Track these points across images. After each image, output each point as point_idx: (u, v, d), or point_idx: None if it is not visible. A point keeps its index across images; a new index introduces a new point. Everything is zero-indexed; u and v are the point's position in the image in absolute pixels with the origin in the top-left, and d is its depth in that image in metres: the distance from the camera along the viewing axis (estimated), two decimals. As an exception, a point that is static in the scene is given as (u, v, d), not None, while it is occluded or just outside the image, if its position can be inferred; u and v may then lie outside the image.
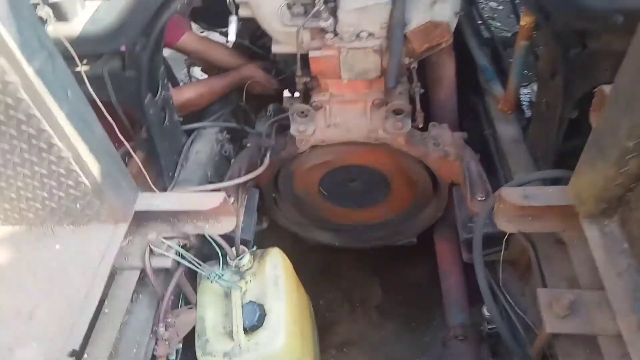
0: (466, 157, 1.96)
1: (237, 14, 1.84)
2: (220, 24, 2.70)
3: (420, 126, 1.98)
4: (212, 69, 2.74)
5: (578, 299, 1.28)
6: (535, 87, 3.74)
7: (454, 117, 2.30)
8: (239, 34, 2.58)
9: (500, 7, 5.02)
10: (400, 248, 2.83)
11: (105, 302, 1.47)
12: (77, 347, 1.23)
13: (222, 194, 1.52)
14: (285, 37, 1.98)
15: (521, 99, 2.15)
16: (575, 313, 1.27)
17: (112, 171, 1.39)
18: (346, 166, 2.24)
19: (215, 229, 1.61)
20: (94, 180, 1.32)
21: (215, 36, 2.95)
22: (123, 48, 1.55)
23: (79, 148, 1.24)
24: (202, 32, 2.99)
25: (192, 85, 2.42)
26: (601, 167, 1.21)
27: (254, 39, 2.60)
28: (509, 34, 3.01)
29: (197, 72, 2.88)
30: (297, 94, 2.17)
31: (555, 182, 1.48)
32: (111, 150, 1.39)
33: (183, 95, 2.22)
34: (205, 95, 2.32)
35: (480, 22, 2.67)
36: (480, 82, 2.31)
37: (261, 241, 2.11)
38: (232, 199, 1.90)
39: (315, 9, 1.83)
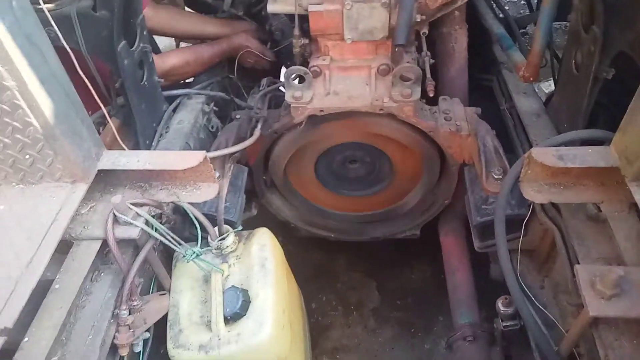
0: (481, 132, 1.75)
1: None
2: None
3: (432, 95, 1.77)
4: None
5: (627, 275, 1.05)
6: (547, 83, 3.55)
7: (464, 94, 2.10)
8: (232, 5, 2.41)
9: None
10: (399, 247, 2.63)
11: (58, 276, 1.22)
12: (10, 325, 0.99)
13: (203, 153, 1.29)
14: (281, -7, 1.79)
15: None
16: (624, 293, 1.05)
17: (70, 114, 1.16)
18: (345, 144, 2.02)
19: (193, 197, 1.37)
20: (45, 122, 1.09)
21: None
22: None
23: (26, 77, 1.01)
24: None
25: (178, 52, 2.20)
26: (659, 113, 0.99)
27: (249, 8, 2.40)
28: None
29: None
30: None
31: (593, 144, 1.27)
32: (69, 89, 1.16)
33: (167, 61, 2.00)
34: (191, 63, 2.10)
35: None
36: (495, 56, 2.12)
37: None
38: (216, 174, 1.67)
39: (317, -43, 1.65)
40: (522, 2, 4.38)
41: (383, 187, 2.18)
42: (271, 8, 1.85)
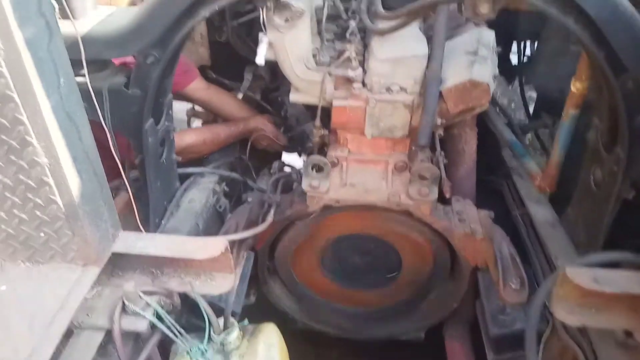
0: (497, 238, 1.74)
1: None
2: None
3: (448, 196, 1.77)
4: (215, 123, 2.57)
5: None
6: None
7: (472, 195, 2.11)
8: (249, 88, 2.47)
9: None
10: (400, 348, 2.49)
11: (53, 370, 1.10)
12: None
13: (224, 241, 1.23)
14: (306, 85, 1.83)
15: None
16: None
17: (95, 194, 1.10)
18: (354, 236, 1.98)
19: (207, 288, 1.29)
20: (70, 201, 1.03)
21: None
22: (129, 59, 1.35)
23: (61, 155, 0.97)
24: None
25: (195, 130, 2.21)
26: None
27: (265, 93, 2.46)
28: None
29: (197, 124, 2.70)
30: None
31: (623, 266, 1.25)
32: (98, 168, 1.11)
33: (184, 139, 2.00)
34: (208, 142, 2.10)
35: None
36: (504, 160, 2.17)
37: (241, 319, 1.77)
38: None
39: (346, 55, 1.71)
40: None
41: (389, 283, 2.12)
42: (294, 98, 1.88)
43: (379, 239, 1.98)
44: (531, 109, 2.91)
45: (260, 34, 1.59)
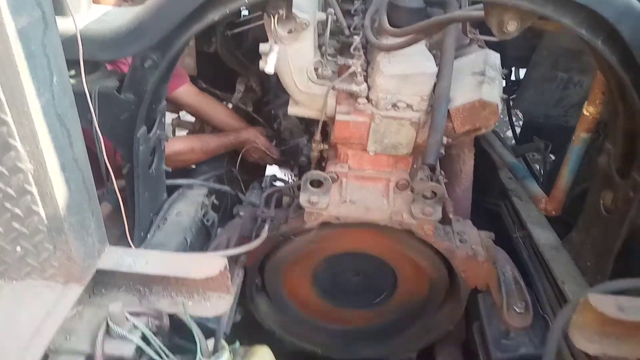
0: (500, 260, 1.68)
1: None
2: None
3: (452, 216, 1.71)
4: (201, 133, 2.48)
5: None
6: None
7: (468, 215, 2.06)
8: (240, 100, 2.39)
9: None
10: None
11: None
12: None
13: (223, 259, 1.13)
14: (306, 99, 1.76)
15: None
16: None
17: (83, 205, 1.00)
18: (349, 254, 1.90)
19: (201, 309, 1.18)
20: (55, 212, 0.92)
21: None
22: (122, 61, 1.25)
23: (48, 161, 0.86)
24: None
25: (184, 138, 2.11)
26: None
27: (257, 105, 2.38)
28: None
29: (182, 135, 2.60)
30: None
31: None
32: (88, 176, 1.01)
33: (172, 146, 1.89)
34: (197, 150, 2.00)
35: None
36: (502, 182, 2.13)
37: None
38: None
39: (351, 70, 1.64)
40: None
41: (383, 302, 2.04)
42: (292, 110, 1.81)
43: (375, 257, 1.90)
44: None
45: (270, 42, 1.50)
